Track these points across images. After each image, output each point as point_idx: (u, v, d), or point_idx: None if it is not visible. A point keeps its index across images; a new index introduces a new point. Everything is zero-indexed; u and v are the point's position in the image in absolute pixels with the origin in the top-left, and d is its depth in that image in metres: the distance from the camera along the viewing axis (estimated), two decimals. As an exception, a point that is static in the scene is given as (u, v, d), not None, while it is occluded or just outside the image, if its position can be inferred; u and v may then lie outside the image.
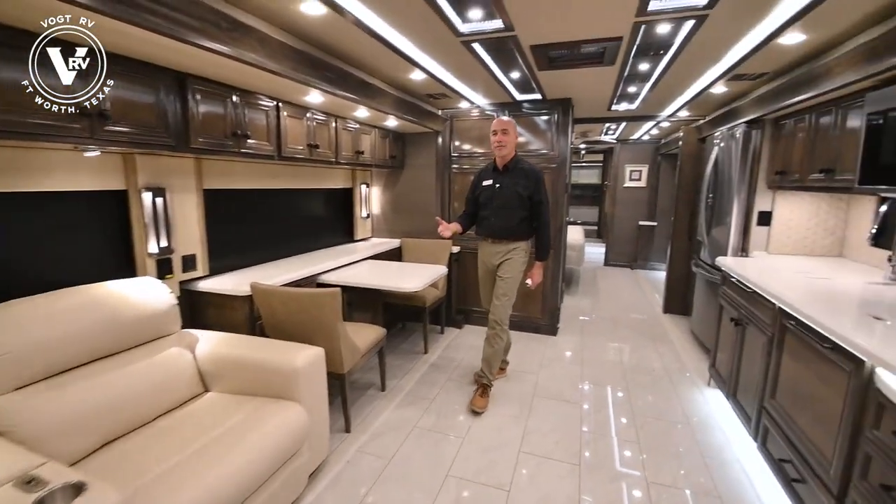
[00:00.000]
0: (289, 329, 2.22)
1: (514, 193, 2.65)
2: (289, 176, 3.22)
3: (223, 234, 2.68)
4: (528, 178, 2.65)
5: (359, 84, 2.61)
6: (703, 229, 3.86)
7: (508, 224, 2.69)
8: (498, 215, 2.70)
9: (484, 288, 2.92)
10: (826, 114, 2.34)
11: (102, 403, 1.60)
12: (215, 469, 1.44)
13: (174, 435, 1.65)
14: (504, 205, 2.68)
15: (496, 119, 2.66)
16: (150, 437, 1.65)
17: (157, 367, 1.84)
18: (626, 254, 7.45)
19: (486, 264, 2.84)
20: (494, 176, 2.74)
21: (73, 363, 1.62)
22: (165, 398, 1.83)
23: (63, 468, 1.21)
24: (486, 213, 2.75)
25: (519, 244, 2.73)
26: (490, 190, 2.74)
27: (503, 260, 2.73)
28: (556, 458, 2.24)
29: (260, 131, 2.41)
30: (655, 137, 6.84)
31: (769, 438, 2.07)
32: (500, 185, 2.69)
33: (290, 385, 1.85)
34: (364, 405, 2.70)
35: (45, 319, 1.53)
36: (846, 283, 2.25)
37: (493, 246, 2.76)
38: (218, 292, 2.39)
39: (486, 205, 2.74)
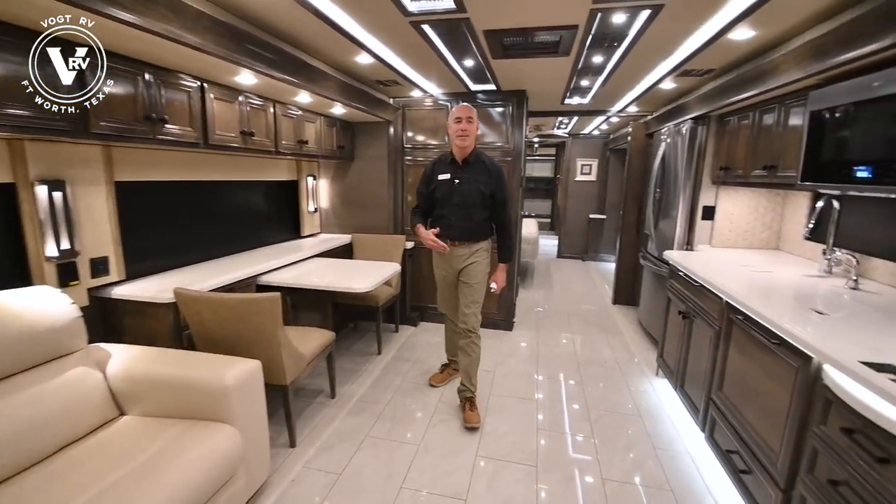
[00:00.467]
0: (222, 340, 1.99)
1: (475, 190, 2.39)
2: (223, 166, 2.91)
3: (143, 233, 2.36)
4: (491, 174, 2.42)
5: (299, 66, 2.37)
6: (650, 223, 3.96)
7: (471, 224, 2.44)
8: (459, 214, 2.42)
9: (444, 294, 2.65)
10: (769, 111, 2.41)
11: (-14, 439, 1.33)
12: (129, 509, 1.23)
13: (81, 469, 1.40)
14: (465, 203, 2.41)
15: (460, 105, 2.36)
16: (50, 474, 1.40)
17: (56, 390, 1.57)
18: (577, 246, 7.63)
19: (445, 269, 2.55)
20: (452, 169, 2.44)
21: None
22: (69, 426, 1.56)
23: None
24: (444, 211, 2.44)
25: (482, 244, 2.52)
26: (447, 185, 2.43)
27: (467, 264, 2.48)
28: (514, 460, 2.18)
29: (181, 115, 2.12)
30: (605, 132, 7.00)
31: (716, 430, 2.12)
32: (460, 180, 2.40)
33: (220, 405, 1.64)
34: (311, 415, 2.52)
35: None
36: (786, 277, 2.33)
37: (454, 249, 2.48)
38: (136, 300, 2.09)
39: (444, 202, 2.44)
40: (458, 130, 2.32)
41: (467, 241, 2.47)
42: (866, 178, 1.60)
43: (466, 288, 2.50)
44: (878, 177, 1.55)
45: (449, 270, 2.55)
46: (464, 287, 2.51)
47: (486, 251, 2.55)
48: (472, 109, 2.37)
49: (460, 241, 2.46)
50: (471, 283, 2.49)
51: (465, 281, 2.50)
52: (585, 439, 2.37)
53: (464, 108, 2.34)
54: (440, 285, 2.66)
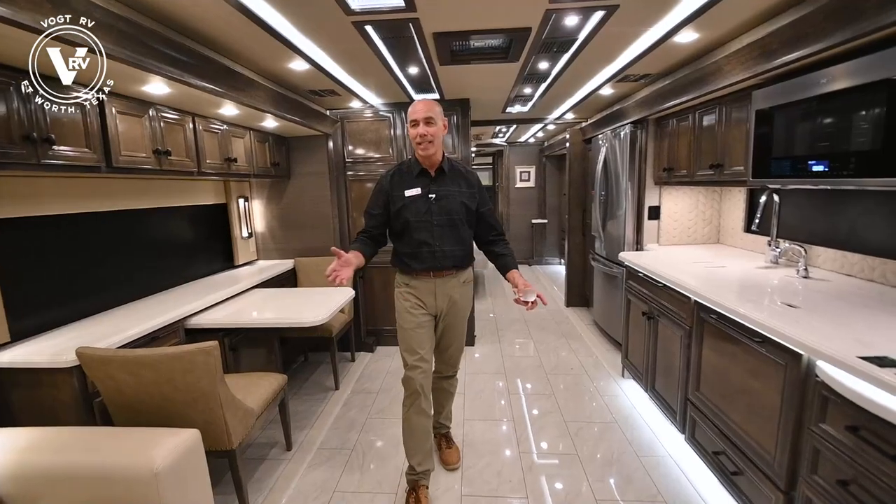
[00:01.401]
0: (145, 406, 1.61)
1: (459, 205, 1.92)
2: (133, 193, 2.47)
3: (31, 281, 1.90)
4: (471, 184, 1.99)
5: (222, 72, 2.06)
6: (598, 224, 4.03)
7: (460, 247, 1.96)
8: (445, 238, 1.91)
9: (421, 338, 1.95)
10: (709, 112, 2.50)
11: None
12: None
13: None
14: (450, 222, 1.91)
15: (416, 103, 1.85)
16: None
17: None
18: (523, 251, 7.72)
19: (423, 307, 1.96)
20: (422, 183, 1.92)
21: None
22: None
23: None
24: (422, 236, 1.89)
25: (469, 271, 2.07)
26: (422, 203, 1.90)
27: (454, 299, 1.98)
28: (502, 494, 2.01)
29: (74, 134, 1.72)
30: (540, 140, 7.19)
31: (697, 430, 2.09)
32: (437, 195, 1.91)
33: (150, 495, 1.29)
34: (265, 475, 2.16)
35: None
36: (740, 270, 2.40)
37: (438, 282, 1.94)
38: (26, 367, 1.65)
39: (420, 226, 1.90)
40: (415, 137, 1.85)
41: (456, 270, 1.98)
42: (821, 171, 1.65)
43: (452, 332, 2.05)
44: (834, 170, 1.60)
45: (429, 309, 1.97)
46: (452, 328, 2.04)
47: (472, 282, 2.12)
48: (433, 106, 1.85)
49: (448, 270, 1.95)
50: (462, 323, 2.07)
51: (450, 323, 2.02)
52: (570, 457, 2.25)
53: (419, 107, 1.83)
54: (411, 328, 1.95)
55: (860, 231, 2.02)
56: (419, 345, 1.93)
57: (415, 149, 1.91)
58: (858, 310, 1.64)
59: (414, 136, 1.86)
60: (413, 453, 1.95)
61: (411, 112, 1.86)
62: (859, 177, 1.54)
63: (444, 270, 1.94)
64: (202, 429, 1.52)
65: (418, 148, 1.87)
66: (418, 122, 1.83)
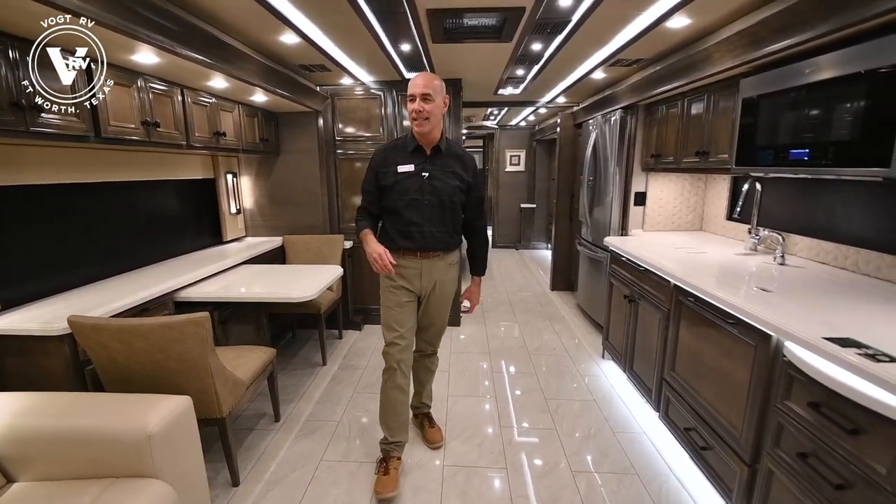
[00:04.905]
0: (137, 374, 1.64)
1: (451, 187, 1.88)
2: (121, 164, 2.44)
3: (20, 250, 1.89)
4: (466, 167, 1.93)
5: (211, 43, 2.03)
6: (585, 210, 4.09)
7: (448, 230, 1.93)
8: (434, 219, 1.88)
9: (401, 317, 1.97)
10: (698, 99, 2.54)
11: None
12: None
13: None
14: (441, 204, 1.87)
15: (416, 76, 1.79)
16: None
17: None
18: (510, 235, 7.79)
19: (407, 288, 1.96)
20: (417, 160, 1.88)
21: None
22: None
23: None
24: (412, 215, 1.87)
25: (455, 254, 2.06)
26: (414, 181, 1.86)
27: (439, 281, 1.99)
28: (483, 464, 2.10)
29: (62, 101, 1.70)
30: (531, 124, 7.18)
31: (671, 408, 2.19)
32: (430, 174, 1.86)
33: (143, 457, 1.33)
34: (254, 444, 2.22)
35: None
36: (719, 256, 2.48)
37: (424, 263, 1.93)
38: (17, 334, 1.65)
39: (410, 204, 1.86)
40: (412, 112, 1.80)
41: (442, 252, 1.96)
42: (802, 160, 1.71)
43: (436, 310, 2.06)
44: (815, 159, 1.65)
45: (413, 289, 1.98)
46: (435, 309, 2.05)
47: (458, 264, 2.12)
48: (432, 80, 1.79)
49: (435, 251, 1.94)
50: (445, 305, 2.07)
51: (435, 303, 2.02)
52: (548, 431, 2.35)
53: (418, 81, 1.77)
54: (395, 308, 1.97)
55: (836, 220, 2.09)
56: (399, 323, 1.95)
57: (412, 124, 1.84)
58: (829, 296, 1.72)
59: (411, 112, 1.80)
60: (387, 424, 2.01)
61: (410, 86, 1.80)
62: (837, 166, 1.60)
63: (432, 252, 1.93)
64: (194, 396, 1.55)
65: (414, 124, 1.81)
66: (415, 97, 1.77)
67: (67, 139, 1.76)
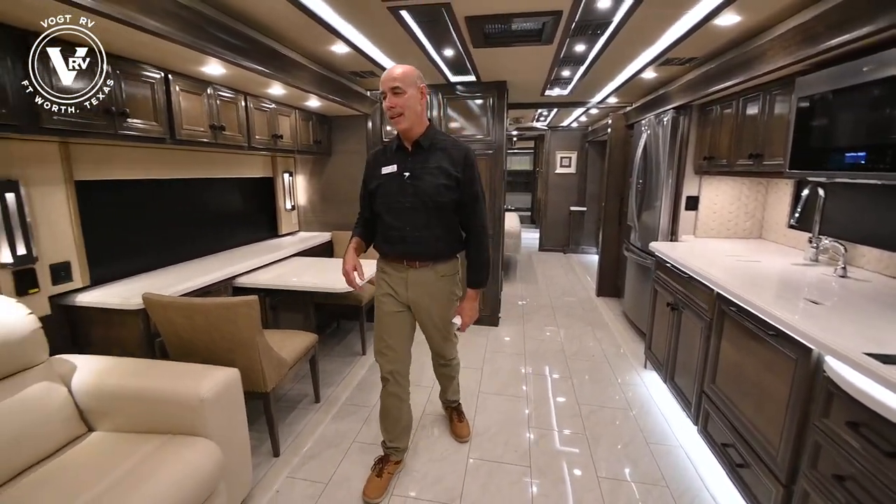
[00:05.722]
0: (196, 347, 1.86)
1: (435, 186, 1.67)
2: (192, 163, 2.75)
3: (107, 236, 2.20)
4: (454, 160, 1.69)
5: (270, 55, 2.24)
6: (633, 214, 3.96)
7: (433, 236, 1.73)
8: (415, 223, 1.71)
9: (389, 327, 1.86)
10: (753, 99, 2.40)
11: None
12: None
13: (46, 491, 1.28)
14: (423, 205, 1.69)
15: (387, 70, 1.65)
16: (13, 499, 1.27)
17: (16, 409, 1.43)
18: (559, 239, 7.65)
19: (395, 296, 1.84)
20: (399, 159, 1.73)
21: None
22: (32, 446, 1.43)
23: None
24: (393, 219, 1.73)
25: (449, 265, 1.83)
26: (395, 182, 1.71)
27: (428, 294, 1.80)
28: (507, 461, 2.13)
29: (144, 108, 1.97)
30: (583, 125, 7.01)
31: (710, 423, 2.10)
32: (412, 173, 1.69)
33: (196, 418, 1.52)
34: (295, 421, 2.41)
35: None
36: (773, 266, 2.33)
37: (410, 273, 1.79)
38: (102, 307, 1.95)
39: (392, 207, 1.72)
40: (385, 108, 1.65)
41: (430, 262, 1.78)
42: (858, 164, 1.59)
43: (427, 327, 1.92)
44: (872, 163, 1.53)
45: (401, 299, 1.84)
46: (424, 324, 1.91)
47: (456, 275, 1.89)
48: (402, 73, 1.61)
49: (422, 260, 1.77)
50: (433, 324, 1.89)
51: (424, 319, 1.86)
52: (578, 436, 2.33)
53: (385, 75, 1.63)
54: (385, 318, 1.86)
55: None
56: (387, 333, 1.85)
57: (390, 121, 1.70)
58: (889, 311, 1.58)
59: (385, 108, 1.65)
60: (385, 428, 1.96)
61: (381, 82, 1.64)
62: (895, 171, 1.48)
63: (417, 260, 1.76)
64: (242, 370, 1.75)
65: (391, 123, 1.68)
66: (385, 93, 1.62)
67: (148, 140, 2.04)
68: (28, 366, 1.54)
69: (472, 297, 1.84)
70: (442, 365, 2.17)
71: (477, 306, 1.86)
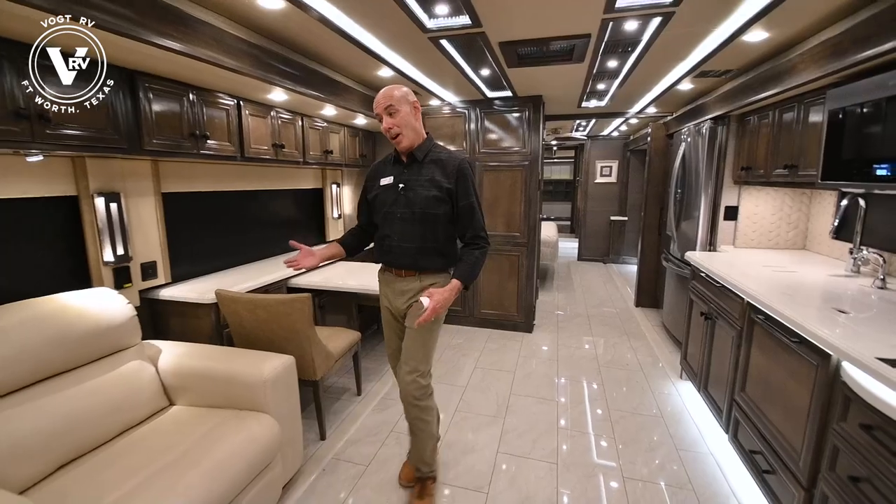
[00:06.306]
0: (258, 337, 2.13)
1: (425, 198, 1.70)
2: (254, 177, 3.10)
3: (185, 240, 2.55)
4: (447, 173, 1.70)
5: (324, 81, 2.53)
6: (671, 224, 3.94)
7: (420, 247, 1.73)
8: (403, 234, 1.73)
9: (388, 336, 1.96)
10: (789, 110, 2.41)
11: (56, 424, 1.49)
12: (180, 487, 1.36)
13: (136, 453, 1.55)
14: (411, 217, 1.72)
15: (379, 93, 1.69)
16: (110, 457, 1.54)
17: (116, 382, 1.73)
18: (598, 248, 7.58)
19: (389, 305, 1.88)
20: (396, 171, 1.78)
21: (22, 382, 1.50)
22: (126, 415, 1.72)
23: (11, 497, 1.13)
24: (385, 228, 1.77)
25: (437, 280, 1.78)
26: (391, 193, 1.75)
27: (414, 304, 1.69)
28: (535, 457, 2.24)
29: (220, 131, 2.30)
30: (624, 133, 6.97)
31: (740, 431, 2.12)
32: (405, 184, 1.73)
33: (258, 396, 1.77)
34: (339, 410, 2.64)
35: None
36: (810, 276, 2.31)
37: (398, 282, 1.80)
38: (181, 301, 2.28)
39: (386, 217, 1.76)
40: (384, 132, 1.71)
41: (416, 273, 1.78)
42: (886, 175, 1.61)
43: (409, 339, 1.79)
44: (895, 174, 1.55)
45: (393, 308, 1.86)
46: (407, 335, 1.80)
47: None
48: (392, 92, 1.66)
49: (407, 270, 1.78)
50: (412, 334, 1.78)
51: (409, 326, 1.73)
52: (606, 439, 2.40)
53: (378, 98, 1.67)
54: (385, 324, 1.94)
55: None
56: (389, 341, 1.95)
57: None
58: (920, 321, 1.58)
59: (383, 130, 1.71)
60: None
61: (374, 105, 1.70)
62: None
63: (404, 269, 1.78)
64: (296, 359, 1.99)
65: (392, 143, 1.74)
66: (380, 116, 1.68)
67: (222, 158, 2.36)
68: (125, 347, 1.86)
69: (451, 288, 1.66)
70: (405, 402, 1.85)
71: (450, 300, 1.67)
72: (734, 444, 2.17)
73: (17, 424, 1.41)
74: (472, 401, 2.77)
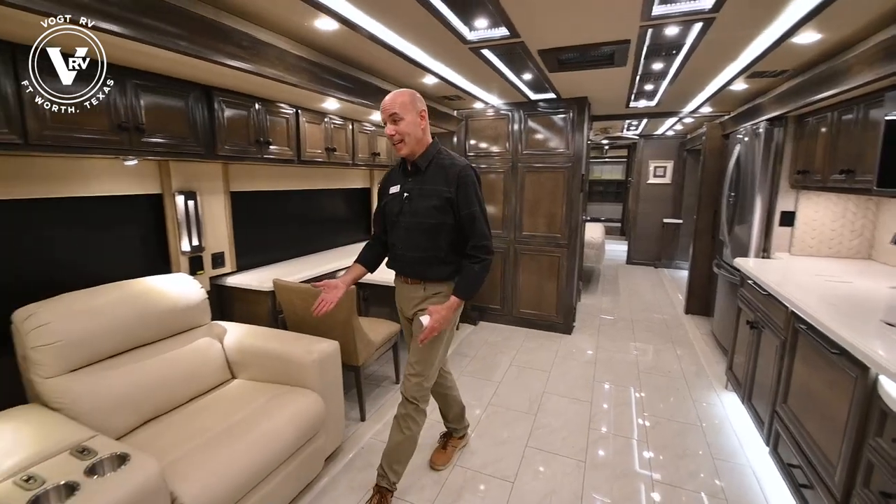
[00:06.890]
0: (308, 323, 2.36)
1: (427, 208, 1.70)
2: (308, 177, 3.38)
3: (249, 233, 2.85)
4: (448, 181, 1.69)
5: (374, 91, 2.71)
6: (724, 228, 3.79)
7: (421, 255, 1.76)
8: (406, 242, 1.77)
9: (406, 333, 2.05)
10: (848, 112, 2.28)
11: (142, 386, 1.77)
12: (240, 446, 1.59)
13: (204, 416, 1.80)
14: (414, 225, 1.74)
15: (385, 98, 1.69)
16: (183, 417, 1.81)
17: (189, 355, 2.01)
18: (649, 252, 7.32)
19: (401, 311, 1.96)
20: (402, 180, 1.80)
21: (116, 350, 1.78)
22: (197, 383, 1.99)
23: (110, 441, 1.39)
24: (393, 238, 1.83)
25: (441, 289, 1.80)
26: (397, 201, 1.78)
27: (419, 310, 1.80)
28: (563, 454, 2.29)
29: (281, 137, 2.56)
30: (680, 132, 6.67)
31: (780, 443, 2.06)
32: (409, 193, 1.74)
33: (307, 374, 1.98)
34: (379, 396, 2.83)
35: (91, 311, 1.70)
36: (867, 288, 2.19)
37: (406, 288, 1.86)
38: (243, 287, 2.56)
39: (393, 226, 1.81)
40: (387, 137, 1.71)
41: (421, 280, 1.81)
42: (942, 183, 1.52)
43: (415, 346, 1.82)
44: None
45: (404, 313, 1.94)
46: (414, 341, 1.83)
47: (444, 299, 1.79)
48: (398, 98, 1.66)
49: (413, 278, 1.83)
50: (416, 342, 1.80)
51: (414, 331, 1.81)
52: (639, 442, 2.40)
53: (384, 103, 1.67)
54: (403, 327, 2.05)
55: None
56: (406, 339, 2.03)
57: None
58: (977, 337, 1.49)
59: (387, 135, 1.71)
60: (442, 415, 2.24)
61: (381, 111, 1.69)
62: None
63: (410, 278, 1.83)
64: (340, 345, 2.19)
65: (395, 149, 1.74)
66: (385, 122, 1.68)
67: (281, 162, 2.62)
68: (197, 325, 2.14)
69: (449, 306, 1.71)
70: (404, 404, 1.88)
71: (451, 318, 1.74)
72: (774, 457, 2.11)
73: (112, 384, 1.69)
74: (506, 396, 2.86)
